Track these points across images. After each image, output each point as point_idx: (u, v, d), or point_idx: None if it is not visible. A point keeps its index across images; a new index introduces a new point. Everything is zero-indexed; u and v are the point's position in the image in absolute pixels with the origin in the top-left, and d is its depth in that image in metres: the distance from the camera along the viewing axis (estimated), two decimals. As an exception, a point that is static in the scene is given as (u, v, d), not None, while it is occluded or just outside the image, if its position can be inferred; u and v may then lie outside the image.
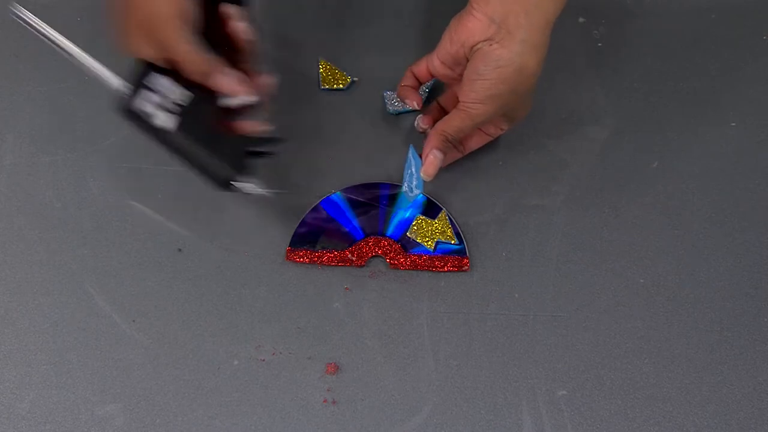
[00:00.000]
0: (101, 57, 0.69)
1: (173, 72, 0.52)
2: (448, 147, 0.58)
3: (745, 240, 0.61)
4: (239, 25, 0.53)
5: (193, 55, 0.51)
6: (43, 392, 0.54)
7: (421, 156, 0.58)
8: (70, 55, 0.56)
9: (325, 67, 0.68)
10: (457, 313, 0.57)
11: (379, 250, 0.59)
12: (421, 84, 0.62)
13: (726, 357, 0.56)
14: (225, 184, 0.52)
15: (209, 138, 0.52)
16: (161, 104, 0.52)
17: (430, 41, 0.66)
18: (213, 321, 0.57)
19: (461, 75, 0.55)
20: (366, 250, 0.59)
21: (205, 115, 0.53)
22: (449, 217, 0.60)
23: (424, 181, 0.59)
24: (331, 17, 0.72)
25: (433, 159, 0.57)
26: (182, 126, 0.51)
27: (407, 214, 0.61)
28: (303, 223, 0.60)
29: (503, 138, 0.64)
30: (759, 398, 0.55)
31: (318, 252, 0.59)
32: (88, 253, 0.59)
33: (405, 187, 0.61)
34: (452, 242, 0.59)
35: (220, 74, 0.52)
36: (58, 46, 0.56)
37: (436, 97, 0.63)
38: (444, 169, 0.63)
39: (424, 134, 0.60)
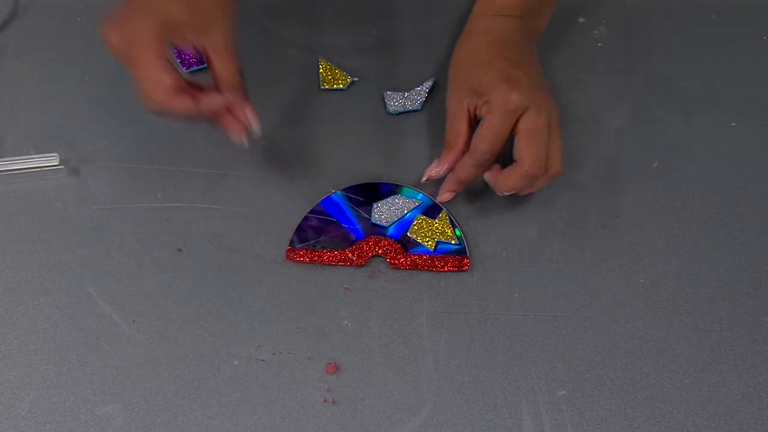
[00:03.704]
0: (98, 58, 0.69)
1: None
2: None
3: (745, 240, 0.61)
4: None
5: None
6: (43, 392, 0.54)
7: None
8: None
9: (325, 67, 0.68)
10: (457, 313, 0.57)
11: (379, 249, 0.59)
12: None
13: (726, 357, 0.56)
14: None
15: None
16: None
17: (430, 41, 0.66)
18: (213, 321, 0.57)
19: None
20: (366, 250, 0.59)
21: None
22: (449, 217, 0.60)
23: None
24: (331, 17, 0.72)
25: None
26: None
27: (407, 214, 0.61)
28: (303, 223, 0.60)
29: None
30: (759, 398, 0.55)
31: (318, 251, 0.59)
32: (88, 253, 0.59)
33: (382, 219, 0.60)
34: (452, 242, 0.59)
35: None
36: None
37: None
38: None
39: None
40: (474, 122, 0.58)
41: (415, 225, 0.60)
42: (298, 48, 0.69)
